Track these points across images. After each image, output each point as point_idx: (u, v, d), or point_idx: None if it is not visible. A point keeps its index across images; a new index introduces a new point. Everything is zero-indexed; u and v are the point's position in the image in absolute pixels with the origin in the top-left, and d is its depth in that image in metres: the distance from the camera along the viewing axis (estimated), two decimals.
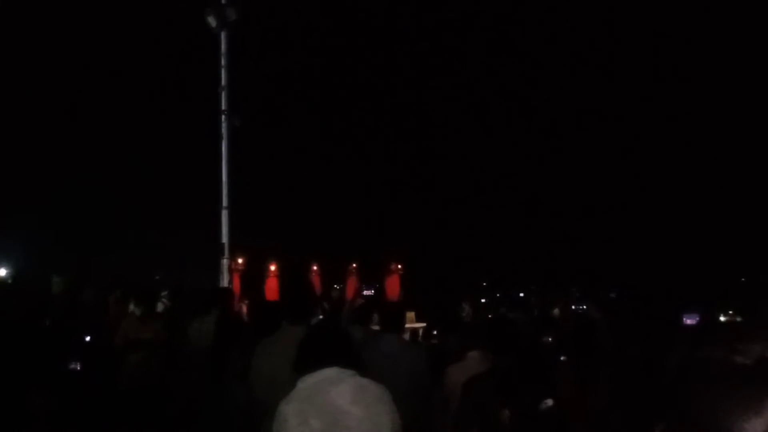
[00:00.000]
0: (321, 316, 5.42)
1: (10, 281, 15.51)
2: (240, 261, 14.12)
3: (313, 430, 2.23)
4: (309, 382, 2.39)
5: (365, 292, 13.97)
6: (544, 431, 3.20)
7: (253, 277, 15.01)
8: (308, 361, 2.47)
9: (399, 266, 15.83)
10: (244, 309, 8.69)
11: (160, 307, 7.41)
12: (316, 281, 15.44)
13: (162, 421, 5.16)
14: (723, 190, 18.99)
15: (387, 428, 2.29)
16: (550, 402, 3.19)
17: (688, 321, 6.04)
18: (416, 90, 20.80)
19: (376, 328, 5.22)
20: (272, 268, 15.09)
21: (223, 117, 10.43)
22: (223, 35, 10.61)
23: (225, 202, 10.47)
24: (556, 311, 9.42)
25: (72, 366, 5.48)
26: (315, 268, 15.72)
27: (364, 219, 18.85)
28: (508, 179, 21.45)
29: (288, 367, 3.57)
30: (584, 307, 9.40)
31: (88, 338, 6.37)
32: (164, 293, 8.03)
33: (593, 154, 20.63)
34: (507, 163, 21.26)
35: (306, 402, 2.31)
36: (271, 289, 14.55)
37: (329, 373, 2.37)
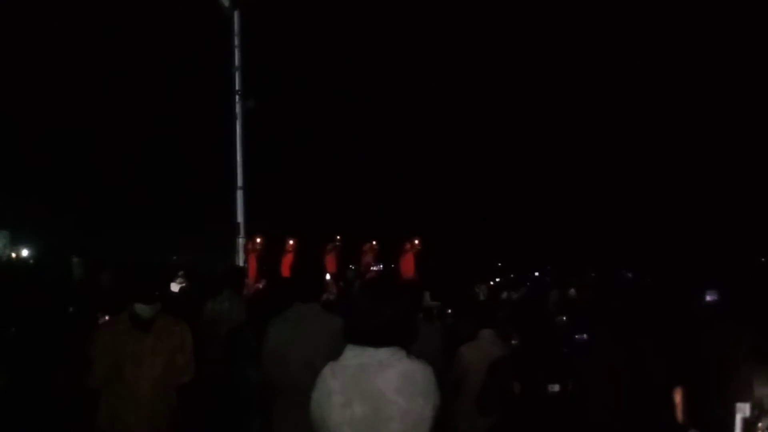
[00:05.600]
0: (331, 296, 5.40)
1: (31, 261, 15.81)
2: (258, 241, 14.19)
3: (354, 415, 2.20)
4: (359, 360, 2.26)
5: (373, 268, 14.00)
6: (551, 414, 3.31)
7: (270, 256, 15.10)
8: (367, 333, 2.26)
9: (414, 245, 15.83)
10: (261, 288, 8.75)
11: (175, 287, 7.48)
12: (331, 261, 15.50)
13: None
14: (741, 170, 18.68)
15: (429, 420, 2.23)
16: (556, 387, 3.29)
17: (709, 298, 5.95)
18: (436, 68, 20.53)
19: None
20: (290, 244, 15.16)
21: (237, 97, 10.45)
22: (236, 15, 10.59)
23: (240, 182, 10.54)
24: (572, 291, 9.37)
25: None
26: (330, 247, 15.77)
27: (380, 199, 18.81)
28: (524, 159, 21.25)
29: (298, 345, 3.58)
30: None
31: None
32: (180, 273, 8.13)
33: (607, 132, 20.35)
34: (523, 142, 21.06)
35: (352, 382, 2.23)
36: (288, 267, 14.62)
37: (382, 355, 2.25)
